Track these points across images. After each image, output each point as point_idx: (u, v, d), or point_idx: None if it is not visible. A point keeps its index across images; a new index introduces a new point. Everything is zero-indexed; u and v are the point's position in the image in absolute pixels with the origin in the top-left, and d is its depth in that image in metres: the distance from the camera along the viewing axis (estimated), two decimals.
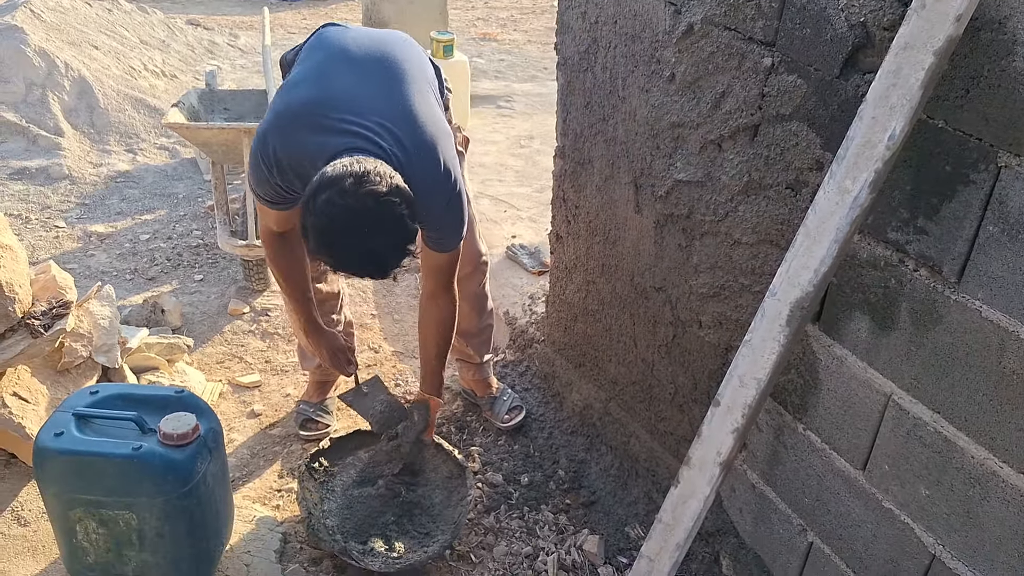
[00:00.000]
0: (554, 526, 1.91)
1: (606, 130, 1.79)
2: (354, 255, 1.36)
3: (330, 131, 1.44)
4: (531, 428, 2.22)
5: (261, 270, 2.82)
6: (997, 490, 1.05)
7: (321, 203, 1.30)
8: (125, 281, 2.92)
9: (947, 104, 1.01)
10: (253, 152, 1.53)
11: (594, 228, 1.94)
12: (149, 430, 1.44)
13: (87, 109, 4.12)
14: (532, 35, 6.73)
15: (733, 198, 1.42)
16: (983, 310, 1.02)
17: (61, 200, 3.50)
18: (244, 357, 2.54)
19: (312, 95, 1.50)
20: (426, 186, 1.45)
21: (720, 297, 1.52)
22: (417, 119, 1.52)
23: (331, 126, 1.45)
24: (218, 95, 3.24)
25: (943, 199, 1.04)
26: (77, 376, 1.94)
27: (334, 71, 1.54)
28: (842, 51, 1.13)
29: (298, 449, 2.14)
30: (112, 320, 2.04)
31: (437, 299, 1.76)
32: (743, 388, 1.23)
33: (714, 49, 1.38)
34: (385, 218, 1.32)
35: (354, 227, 1.31)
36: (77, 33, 4.78)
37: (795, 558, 1.48)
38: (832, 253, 1.06)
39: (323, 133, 1.44)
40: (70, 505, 1.44)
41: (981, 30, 0.95)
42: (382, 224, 1.32)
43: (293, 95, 1.53)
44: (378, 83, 1.53)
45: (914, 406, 1.15)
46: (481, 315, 2.17)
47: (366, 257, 1.36)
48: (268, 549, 1.74)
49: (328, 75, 1.54)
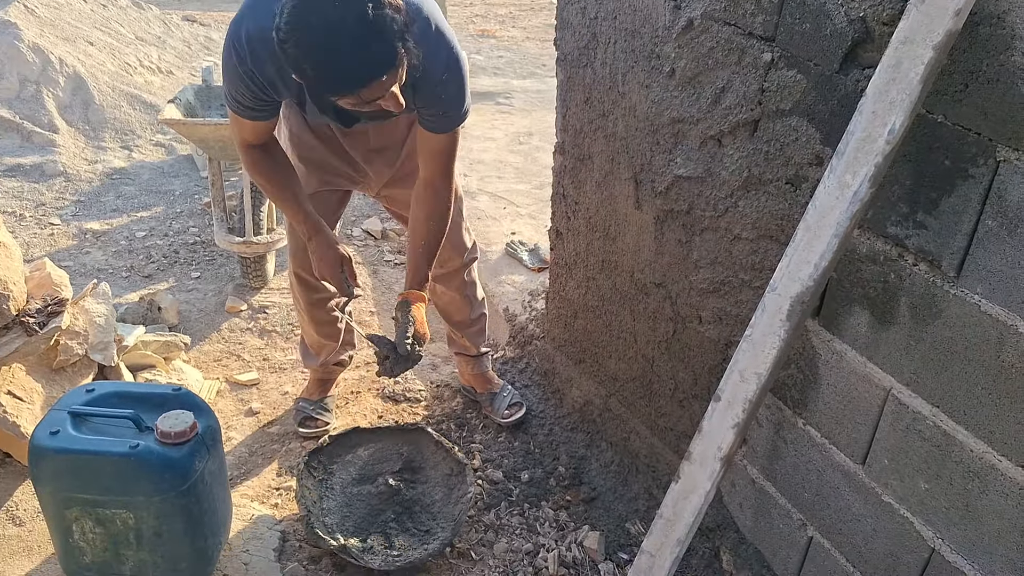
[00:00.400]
0: (554, 523, 1.91)
1: (606, 126, 1.78)
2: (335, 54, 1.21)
3: None
4: (531, 425, 2.22)
5: (259, 267, 2.81)
6: (996, 483, 1.05)
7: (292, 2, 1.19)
8: (121, 279, 2.91)
9: (946, 99, 1.01)
10: (226, 45, 1.43)
11: (594, 224, 1.94)
12: (146, 428, 1.43)
13: (82, 105, 4.10)
14: (531, 32, 6.73)
15: (733, 193, 1.42)
16: (982, 304, 1.02)
17: (56, 197, 3.48)
18: (242, 355, 2.53)
19: None
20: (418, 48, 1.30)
21: (720, 293, 1.52)
22: None
23: None
24: (215, 91, 3.22)
25: (942, 193, 1.04)
26: (72, 374, 1.93)
27: None
28: (842, 46, 1.13)
29: (297, 447, 2.14)
30: (108, 318, 2.03)
31: (434, 186, 1.65)
32: (744, 383, 1.23)
33: (714, 44, 1.38)
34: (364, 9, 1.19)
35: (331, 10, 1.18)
36: (71, 29, 4.75)
37: (795, 553, 1.48)
38: (832, 247, 1.06)
39: None
40: (66, 504, 1.43)
41: (980, 25, 0.95)
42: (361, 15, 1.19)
43: None
44: None
45: (913, 400, 1.15)
46: (473, 305, 2.18)
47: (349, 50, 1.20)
48: (267, 548, 1.73)
49: None
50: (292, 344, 2.61)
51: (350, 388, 2.38)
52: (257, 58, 1.42)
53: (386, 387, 2.40)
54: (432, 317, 2.78)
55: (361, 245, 3.28)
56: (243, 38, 1.42)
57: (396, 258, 3.18)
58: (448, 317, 2.21)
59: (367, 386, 2.41)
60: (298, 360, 2.51)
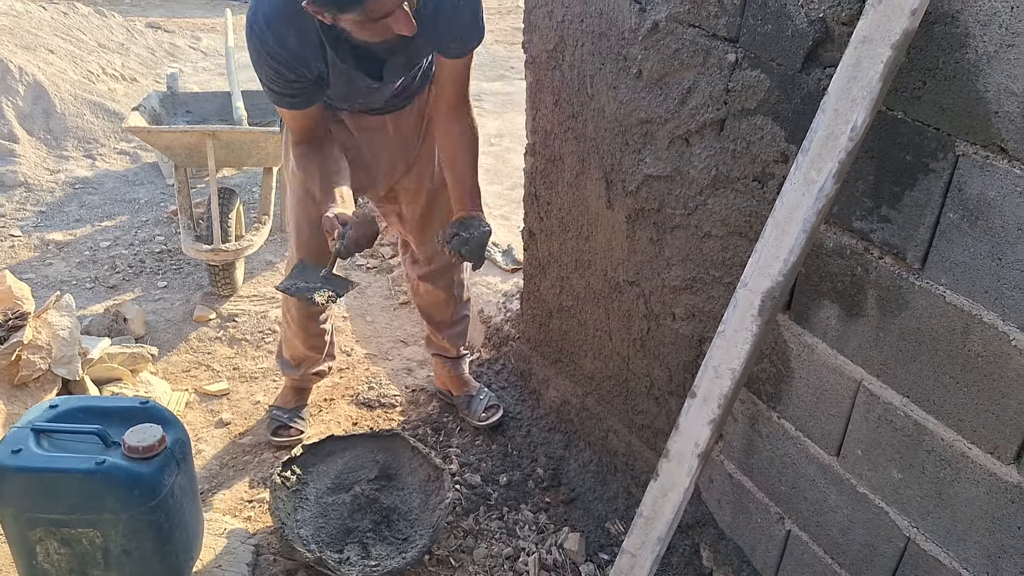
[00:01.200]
0: (534, 525, 1.91)
1: (576, 127, 1.79)
2: None
3: None
4: (508, 427, 2.21)
5: (228, 275, 2.77)
6: (967, 471, 1.07)
7: None
8: (85, 290, 2.84)
9: (905, 96, 1.02)
10: (249, 37, 1.47)
11: (566, 224, 1.94)
12: (113, 443, 1.39)
13: (43, 114, 4.00)
14: (499, 35, 6.73)
15: (702, 192, 1.43)
16: (947, 295, 1.04)
17: (16, 208, 3.39)
18: (211, 365, 2.48)
19: None
20: None
21: (692, 289, 1.53)
22: None
23: None
24: (180, 98, 3.17)
25: (905, 188, 1.05)
26: (35, 390, 1.88)
27: None
28: (803, 46, 1.14)
29: (269, 457, 2.10)
30: (72, 330, 1.98)
31: (457, 110, 1.72)
32: (718, 379, 1.24)
33: (679, 46, 1.39)
34: None
35: None
36: (31, 37, 4.64)
37: (774, 546, 1.49)
38: (800, 243, 1.08)
39: None
40: (30, 525, 1.38)
41: (935, 23, 0.96)
42: None
43: None
44: None
45: (884, 391, 1.17)
46: (458, 305, 2.18)
47: None
48: (240, 563, 1.69)
49: None
50: (263, 352, 2.57)
51: (323, 395, 2.35)
52: (277, 34, 1.46)
53: (360, 394, 2.38)
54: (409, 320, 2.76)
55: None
56: (262, 20, 1.46)
57: (367, 263, 3.15)
58: (429, 317, 2.20)
59: (341, 393, 2.38)
60: (270, 368, 2.47)
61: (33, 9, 5.06)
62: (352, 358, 2.57)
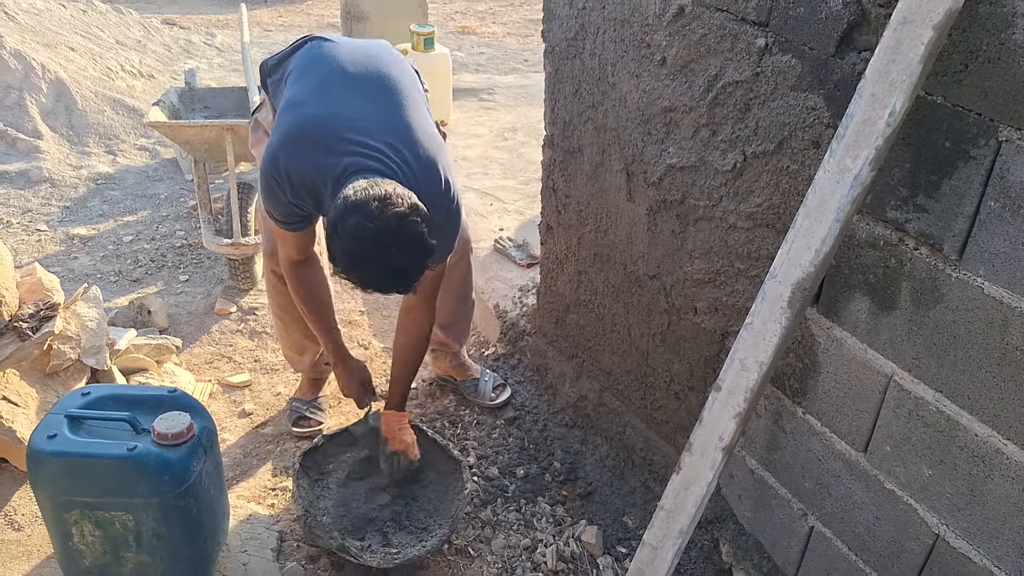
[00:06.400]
0: (551, 518, 1.90)
1: (596, 117, 1.77)
2: (382, 274, 1.42)
3: (339, 151, 1.49)
4: (525, 420, 2.20)
5: (247, 268, 2.78)
6: (1001, 467, 1.05)
7: (351, 227, 1.36)
8: (109, 283, 2.87)
9: (945, 80, 1.00)
10: (265, 173, 1.56)
11: (585, 217, 1.93)
12: (143, 430, 1.42)
13: (65, 111, 4.04)
14: (511, 27, 6.71)
15: (727, 182, 1.41)
16: (985, 287, 1.01)
17: (42, 203, 3.43)
18: (233, 357, 2.50)
19: (319, 114, 1.55)
20: (430, 200, 1.49)
21: (715, 283, 1.51)
22: (418, 136, 1.58)
23: (339, 146, 1.50)
24: (198, 93, 3.18)
25: (943, 176, 1.03)
26: (66, 379, 1.91)
27: (336, 90, 1.59)
28: (837, 29, 1.12)
29: (291, 447, 2.11)
30: (99, 322, 2.00)
31: (415, 312, 1.80)
32: (745, 372, 1.22)
33: (706, 31, 1.37)
34: (409, 236, 1.39)
35: (381, 247, 1.37)
36: (52, 35, 4.69)
37: (796, 542, 1.47)
38: (834, 232, 1.06)
39: (333, 153, 1.50)
40: (65, 508, 1.41)
41: (980, 3, 0.94)
42: (406, 242, 1.39)
43: (300, 114, 1.57)
44: (380, 102, 1.59)
45: (916, 386, 1.15)
46: (463, 305, 2.19)
47: (393, 273, 1.42)
48: (265, 548, 1.71)
49: (330, 95, 1.59)
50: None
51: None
52: (296, 192, 1.56)
53: (378, 386, 2.38)
54: None
55: None
56: (284, 174, 1.54)
57: None
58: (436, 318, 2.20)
59: None
60: None
61: (53, 7, 5.11)
62: (370, 351, 2.58)
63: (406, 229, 1.37)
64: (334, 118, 1.53)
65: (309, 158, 1.51)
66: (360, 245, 1.36)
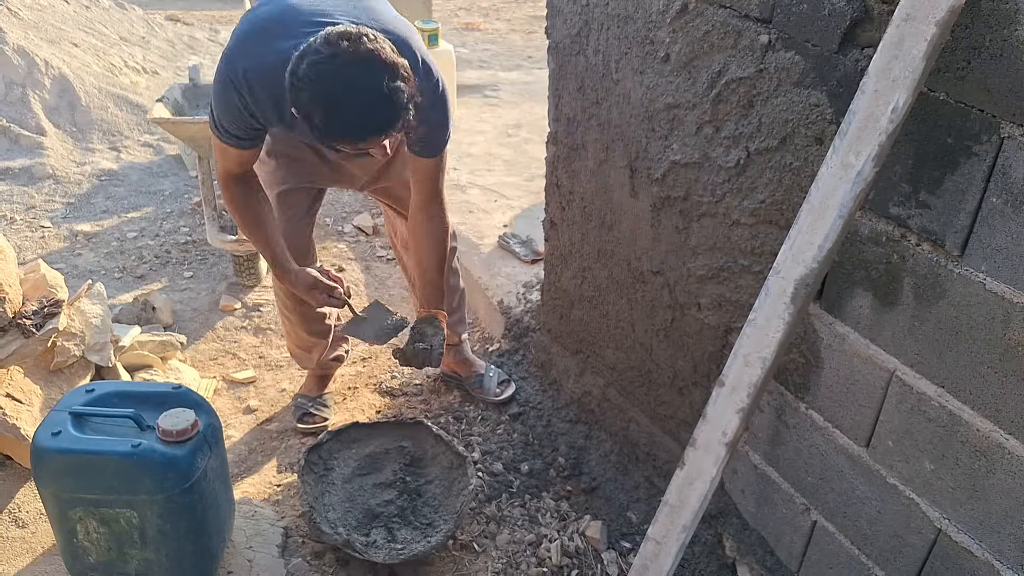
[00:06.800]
0: (556, 513, 1.91)
1: (600, 114, 1.77)
2: (358, 105, 1.31)
3: (300, 34, 1.39)
4: (529, 416, 2.21)
5: (252, 265, 2.79)
6: (1003, 462, 1.05)
7: (317, 59, 1.27)
8: (113, 280, 2.88)
9: (948, 76, 1.00)
10: (220, 78, 1.48)
11: (589, 214, 1.93)
12: (147, 427, 1.42)
13: (68, 107, 4.05)
14: (515, 24, 6.70)
15: (731, 179, 1.42)
16: (987, 282, 1.02)
17: (46, 200, 3.45)
18: (237, 353, 2.51)
19: (274, 8, 1.49)
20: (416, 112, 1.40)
21: (719, 279, 1.52)
22: (385, 17, 1.52)
23: (300, 29, 1.40)
24: (202, 90, 3.19)
25: (945, 172, 1.03)
26: (70, 375, 1.91)
27: None
28: (840, 26, 1.12)
29: (296, 443, 2.12)
30: (104, 318, 2.01)
31: (429, 209, 1.74)
32: (748, 367, 1.23)
33: (709, 28, 1.37)
34: (381, 60, 1.29)
35: (352, 74, 1.28)
36: (56, 31, 4.69)
37: (799, 537, 1.48)
38: (837, 228, 1.06)
39: (294, 36, 1.39)
40: (70, 505, 1.42)
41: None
42: (379, 64, 1.29)
43: (254, 14, 1.51)
44: None
45: (918, 381, 1.15)
46: (453, 294, 2.17)
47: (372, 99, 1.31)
48: (270, 544, 1.72)
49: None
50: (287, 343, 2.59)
51: (347, 384, 2.37)
52: (255, 95, 1.47)
53: (383, 382, 2.39)
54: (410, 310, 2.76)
55: (352, 241, 3.26)
56: (241, 75, 1.46)
57: (388, 253, 3.16)
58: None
59: (364, 381, 2.40)
60: None
61: (56, 2, 5.11)
62: (375, 347, 2.58)
63: (378, 54, 1.28)
64: (292, 8, 1.46)
65: (268, 46, 1.42)
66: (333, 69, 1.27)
